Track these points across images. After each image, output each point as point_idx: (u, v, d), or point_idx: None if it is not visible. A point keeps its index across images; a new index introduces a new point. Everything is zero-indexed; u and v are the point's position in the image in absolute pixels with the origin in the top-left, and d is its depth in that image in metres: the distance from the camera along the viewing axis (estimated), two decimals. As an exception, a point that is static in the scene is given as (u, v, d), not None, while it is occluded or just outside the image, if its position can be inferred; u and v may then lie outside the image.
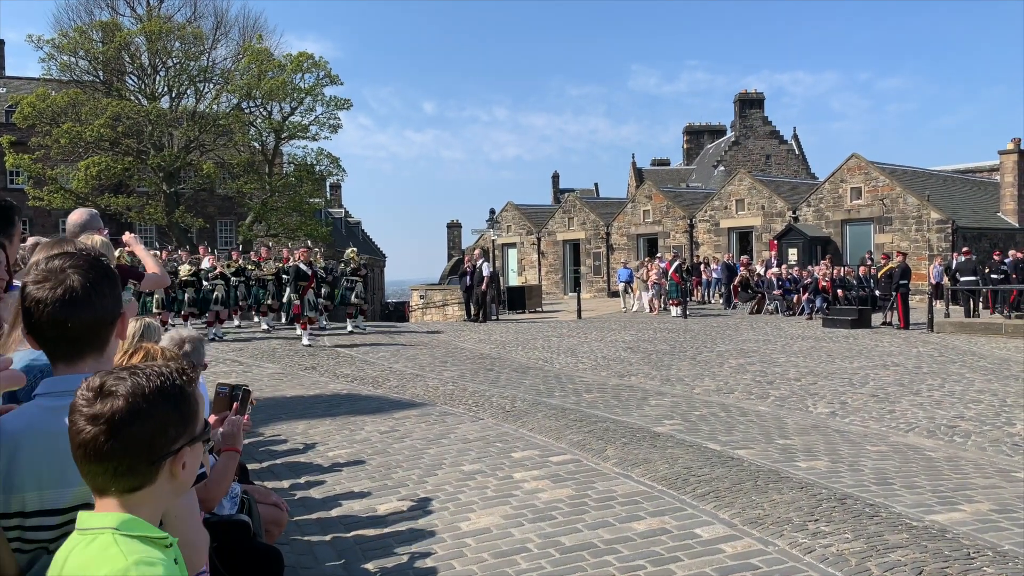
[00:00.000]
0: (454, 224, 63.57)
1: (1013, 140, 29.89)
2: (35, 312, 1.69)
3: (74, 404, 1.34)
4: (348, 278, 18.19)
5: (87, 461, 1.32)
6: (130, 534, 1.30)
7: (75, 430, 1.32)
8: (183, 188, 36.05)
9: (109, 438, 1.29)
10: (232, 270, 17.96)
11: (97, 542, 1.30)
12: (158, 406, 1.33)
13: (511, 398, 9.63)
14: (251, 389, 3.13)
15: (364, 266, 19.60)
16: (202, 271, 17.49)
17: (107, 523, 1.32)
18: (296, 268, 15.73)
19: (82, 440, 1.31)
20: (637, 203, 36.96)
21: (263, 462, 6.92)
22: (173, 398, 1.35)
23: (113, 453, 1.30)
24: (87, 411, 1.31)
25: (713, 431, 7.74)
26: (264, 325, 18.29)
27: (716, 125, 59.18)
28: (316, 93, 35.03)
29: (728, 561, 4.41)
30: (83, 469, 1.34)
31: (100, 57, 33.33)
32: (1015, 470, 6.36)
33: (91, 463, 1.32)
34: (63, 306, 1.68)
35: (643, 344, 15.78)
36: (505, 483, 6.04)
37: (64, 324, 1.69)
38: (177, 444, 1.36)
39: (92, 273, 1.72)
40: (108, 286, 1.76)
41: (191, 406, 1.38)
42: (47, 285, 1.69)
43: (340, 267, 19.00)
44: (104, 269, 1.77)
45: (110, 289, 1.77)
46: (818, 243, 29.01)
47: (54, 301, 1.68)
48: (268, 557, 3.21)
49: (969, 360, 12.84)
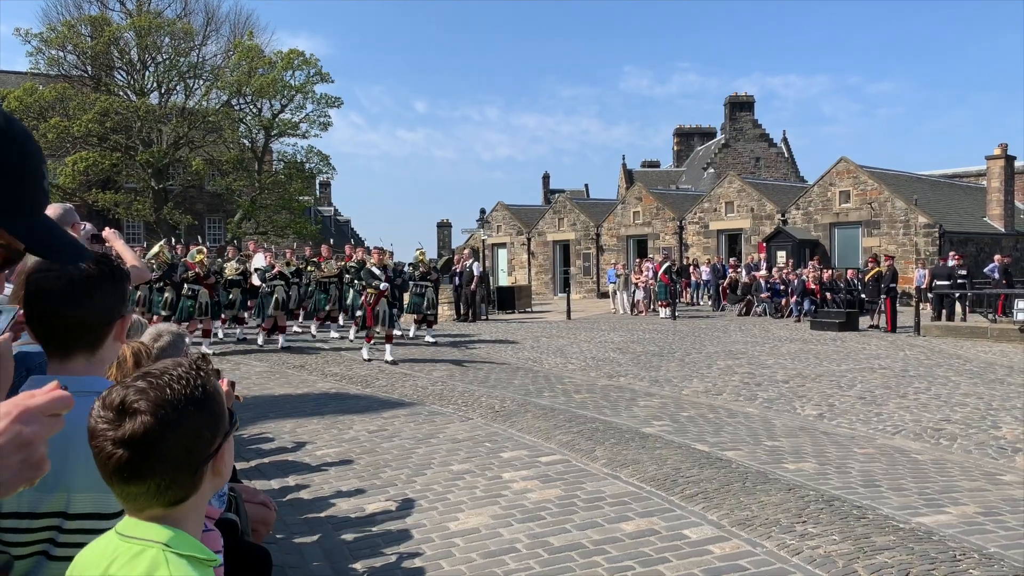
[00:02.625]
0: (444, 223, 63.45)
1: (1000, 146, 30.12)
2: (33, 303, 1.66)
3: (94, 428, 1.22)
4: (417, 283, 15.42)
5: (124, 484, 1.21)
6: (181, 553, 1.20)
7: (104, 455, 1.20)
8: (172, 185, 35.87)
9: (145, 458, 1.19)
10: (292, 270, 15.64)
11: (146, 556, 1.19)
12: (187, 413, 1.23)
13: (500, 398, 9.62)
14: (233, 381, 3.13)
15: (435, 269, 16.74)
16: (257, 271, 15.42)
17: (157, 536, 1.21)
18: (369, 271, 12.93)
19: (116, 465, 1.19)
20: (627, 204, 37.03)
21: (251, 461, 6.88)
22: (199, 400, 1.26)
23: (153, 472, 1.20)
24: (114, 435, 1.19)
25: (701, 432, 7.76)
26: (313, 330, 16.74)
27: (706, 127, 59.32)
28: (307, 90, 34.97)
29: (716, 562, 4.42)
30: (119, 491, 1.23)
31: (89, 52, 33.12)
32: (1000, 473, 6.40)
33: (128, 485, 1.21)
34: (60, 300, 1.65)
35: (632, 345, 15.80)
36: (494, 483, 6.03)
37: (58, 318, 1.65)
38: (215, 445, 1.27)
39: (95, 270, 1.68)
40: (111, 285, 1.71)
41: (218, 402, 1.30)
42: (50, 276, 1.65)
43: (408, 270, 16.17)
44: (112, 268, 1.73)
45: (112, 288, 1.71)
46: (807, 246, 29.14)
47: (52, 293, 1.64)
48: (255, 556, 3.19)
49: (955, 363, 12.92)
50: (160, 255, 14.90)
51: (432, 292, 15.59)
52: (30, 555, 1.58)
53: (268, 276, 14.94)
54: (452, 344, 15.94)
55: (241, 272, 15.63)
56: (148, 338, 3.19)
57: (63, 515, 1.58)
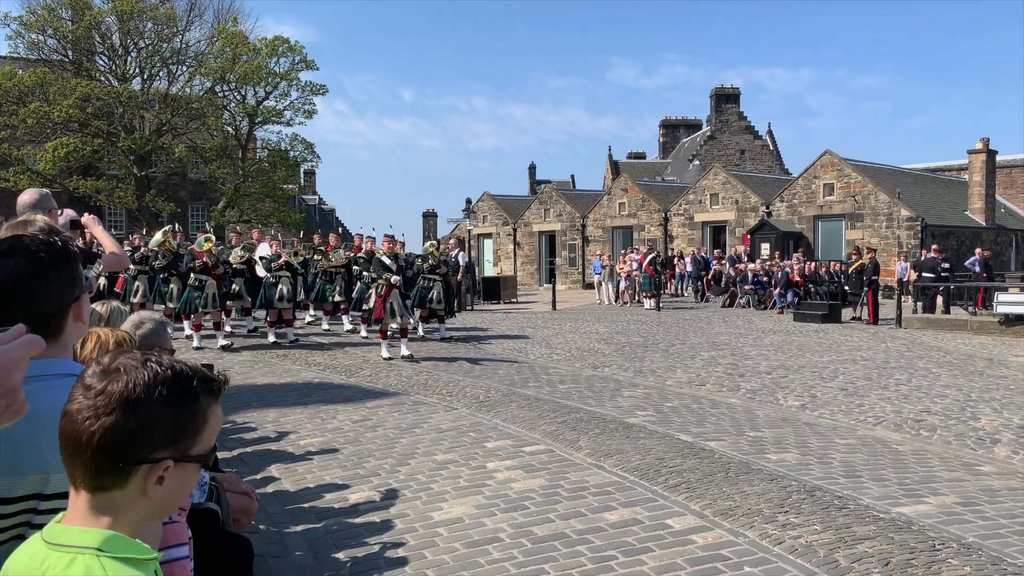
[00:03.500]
0: (430, 213, 63.27)
1: (982, 140, 30.38)
2: None
3: (81, 374, 1.22)
4: (425, 276, 14.49)
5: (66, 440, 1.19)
6: (115, 556, 1.14)
7: (69, 401, 1.19)
8: (154, 172, 35.50)
9: (93, 419, 1.16)
10: (300, 260, 14.67)
11: (79, 565, 1.13)
12: (156, 401, 1.17)
13: (485, 388, 9.62)
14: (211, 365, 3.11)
15: (444, 263, 15.66)
16: (262, 259, 14.46)
17: (88, 542, 1.15)
18: (379, 262, 12.19)
19: (67, 411, 1.18)
20: (613, 196, 37.06)
21: (233, 450, 6.84)
22: (176, 399, 1.19)
23: (91, 439, 1.16)
24: (88, 382, 1.19)
25: (685, 423, 7.79)
26: (325, 325, 15.87)
27: (692, 119, 59.42)
28: (291, 78, 34.70)
29: (699, 552, 4.44)
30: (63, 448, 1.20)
31: (69, 36, 32.67)
32: (979, 464, 6.47)
33: (69, 444, 1.18)
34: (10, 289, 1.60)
35: (617, 336, 15.84)
36: (478, 473, 6.03)
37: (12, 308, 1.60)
38: (160, 453, 1.18)
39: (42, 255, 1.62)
40: (58, 269, 1.64)
41: (195, 418, 1.21)
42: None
43: (417, 262, 14.92)
44: (56, 251, 1.66)
45: (58, 274, 1.65)
46: (791, 238, 29.30)
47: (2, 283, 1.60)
48: (237, 546, 3.17)
49: (936, 355, 13.05)
50: (165, 243, 14.24)
51: (441, 286, 14.59)
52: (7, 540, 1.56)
53: (273, 266, 13.91)
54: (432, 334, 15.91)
55: (246, 260, 14.53)
56: (130, 326, 3.15)
57: (39, 496, 1.56)
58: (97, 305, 3.27)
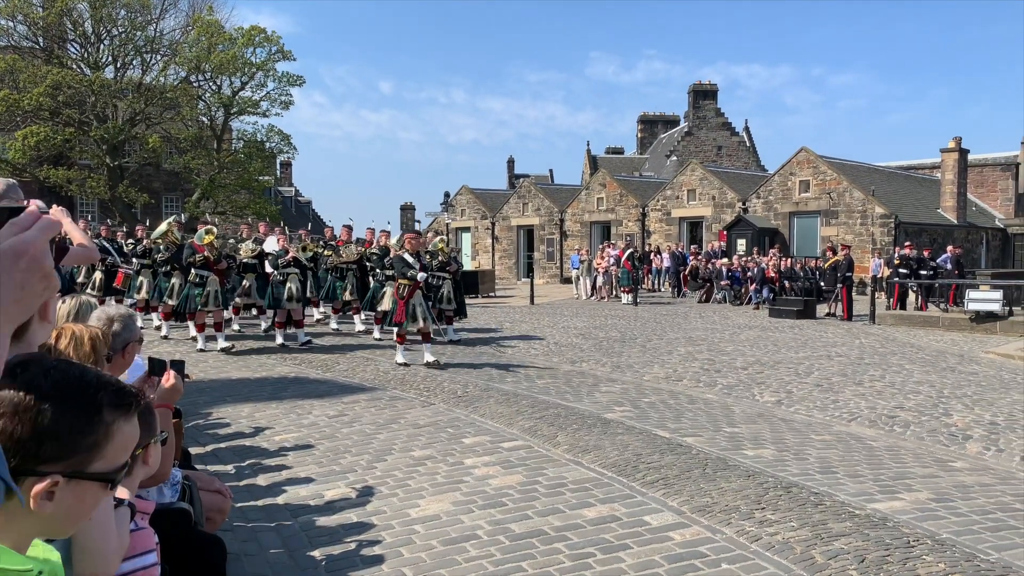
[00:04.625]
0: (408, 206, 63.02)
1: (954, 139, 30.81)
2: None
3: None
4: (433, 273, 13.15)
5: None
6: None
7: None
8: (127, 162, 34.98)
9: None
10: (309, 255, 13.88)
11: None
12: (47, 411, 1.08)
13: (463, 383, 9.57)
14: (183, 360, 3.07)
15: (454, 259, 14.98)
16: (269, 256, 13.64)
17: None
18: (401, 259, 10.92)
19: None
20: (591, 190, 37.11)
21: (207, 446, 6.75)
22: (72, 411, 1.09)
23: None
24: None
25: (662, 418, 7.81)
26: (333, 324, 14.96)
27: (670, 115, 59.65)
28: (268, 68, 34.35)
29: (677, 549, 4.44)
30: None
31: (40, 22, 32.06)
32: (952, 460, 6.55)
33: None
34: None
35: (594, 331, 15.86)
36: (455, 469, 5.99)
37: None
38: (48, 467, 1.08)
39: None
40: None
41: (93, 433, 1.11)
42: None
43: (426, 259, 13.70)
44: None
45: None
46: (766, 234, 29.53)
47: None
48: (210, 546, 3.11)
49: (909, 352, 13.21)
50: (169, 234, 13.36)
51: (451, 285, 13.88)
52: None
53: (281, 263, 12.98)
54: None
55: (257, 254, 13.61)
56: (101, 322, 3.07)
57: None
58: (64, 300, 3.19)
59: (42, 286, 1.03)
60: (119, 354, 3.06)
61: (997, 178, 35.44)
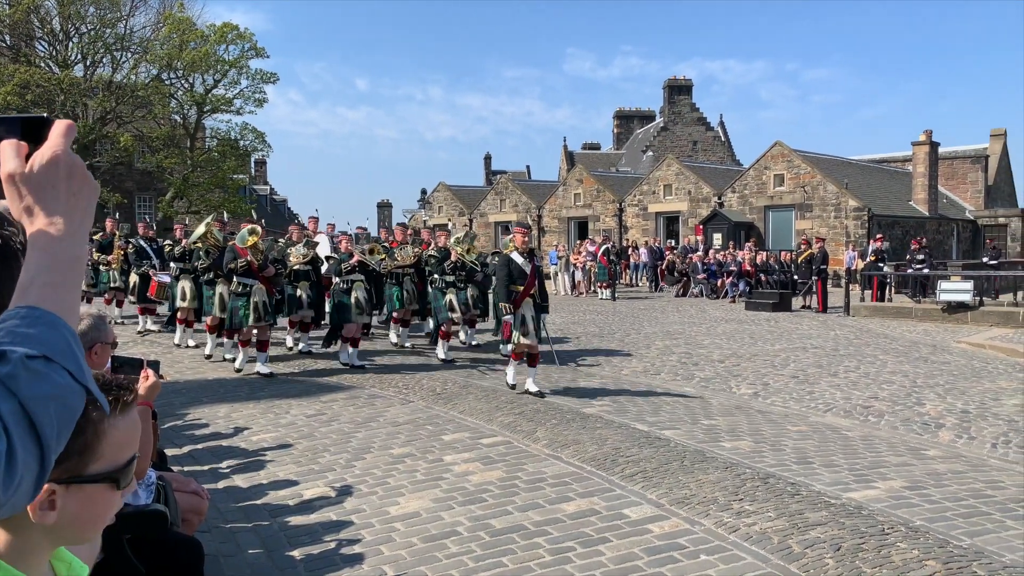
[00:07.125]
0: (384, 204, 62.85)
1: (925, 132, 31.19)
2: None
3: None
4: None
5: None
6: None
7: None
8: (99, 162, 34.44)
9: None
10: (378, 259, 11.32)
11: None
12: None
13: (442, 380, 9.56)
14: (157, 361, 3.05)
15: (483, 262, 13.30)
16: (329, 260, 11.78)
17: None
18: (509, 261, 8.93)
19: None
20: (568, 186, 37.17)
21: (183, 446, 6.68)
22: None
23: None
24: None
25: (641, 412, 7.85)
26: (393, 338, 12.69)
27: (646, 111, 59.81)
28: (241, 66, 34.00)
29: (656, 541, 4.47)
30: None
31: (6, 20, 31.47)
32: (925, 448, 6.65)
33: None
34: None
35: (573, 326, 15.90)
36: (435, 466, 5.98)
37: None
38: None
39: None
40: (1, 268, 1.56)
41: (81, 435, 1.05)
42: None
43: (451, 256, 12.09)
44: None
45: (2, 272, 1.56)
46: (742, 228, 29.75)
47: None
48: (186, 548, 3.08)
49: (882, 343, 13.38)
50: (209, 236, 11.15)
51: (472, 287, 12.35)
52: None
53: (345, 268, 10.69)
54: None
55: (310, 260, 11.67)
56: None
57: None
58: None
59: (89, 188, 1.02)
60: (87, 353, 3.02)
61: (967, 170, 35.96)
